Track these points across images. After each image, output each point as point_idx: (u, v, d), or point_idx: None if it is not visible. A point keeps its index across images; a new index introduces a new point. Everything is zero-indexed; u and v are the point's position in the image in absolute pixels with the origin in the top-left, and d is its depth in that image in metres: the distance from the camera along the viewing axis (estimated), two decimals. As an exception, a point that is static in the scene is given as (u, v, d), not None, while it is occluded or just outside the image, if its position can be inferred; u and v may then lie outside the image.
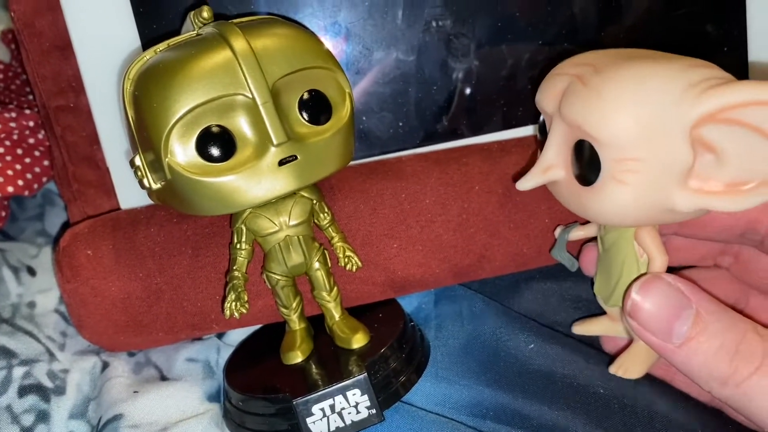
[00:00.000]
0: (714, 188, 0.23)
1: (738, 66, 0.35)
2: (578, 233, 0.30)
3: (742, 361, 0.22)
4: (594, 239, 0.30)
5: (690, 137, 0.22)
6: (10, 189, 0.36)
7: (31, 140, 0.37)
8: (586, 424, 0.28)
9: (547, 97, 0.26)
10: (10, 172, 0.36)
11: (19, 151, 0.37)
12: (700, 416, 0.29)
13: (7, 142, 0.36)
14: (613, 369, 0.28)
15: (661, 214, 0.24)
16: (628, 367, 0.27)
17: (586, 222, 0.30)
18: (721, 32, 0.34)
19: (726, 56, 0.35)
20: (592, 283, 0.30)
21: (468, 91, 0.33)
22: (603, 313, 0.30)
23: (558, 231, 0.31)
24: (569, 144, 0.25)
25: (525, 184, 0.26)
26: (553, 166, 0.26)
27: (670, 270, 0.26)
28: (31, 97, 0.43)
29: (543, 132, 0.27)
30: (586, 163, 0.24)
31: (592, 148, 0.23)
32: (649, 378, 0.29)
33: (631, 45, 0.33)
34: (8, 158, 0.36)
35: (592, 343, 0.32)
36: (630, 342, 0.28)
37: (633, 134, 0.22)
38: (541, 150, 0.26)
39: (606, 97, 0.23)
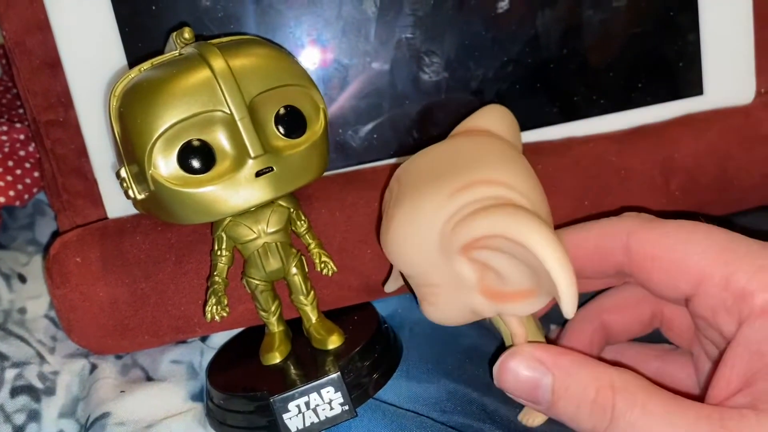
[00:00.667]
0: (510, 296, 0.25)
1: (693, 80, 0.37)
2: None
3: (597, 417, 0.23)
4: None
5: (465, 259, 0.25)
6: (2, 199, 0.37)
7: (22, 153, 0.39)
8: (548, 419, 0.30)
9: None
10: (1, 184, 0.37)
11: (11, 163, 0.38)
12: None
13: (-1, 155, 0.38)
14: (520, 416, 0.30)
15: (477, 315, 0.26)
16: (531, 416, 0.29)
17: None
18: (677, 49, 0.36)
19: (682, 71, 0.37)
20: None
21: (438, 104, 0.35)
22: None
23: None
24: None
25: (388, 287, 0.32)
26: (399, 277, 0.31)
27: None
28: (21, 111, 0.45)
29: None
30: (409, 287, 0.28)
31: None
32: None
33: (592, 62, 0.35)
34: (0, 170, 0.38)
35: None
36: None
37: (421, 266, 0.26)
38: None
39: (393, 235, 0.26)
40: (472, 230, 0.24)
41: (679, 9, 0.36)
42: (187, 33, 0.28)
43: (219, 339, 0.35)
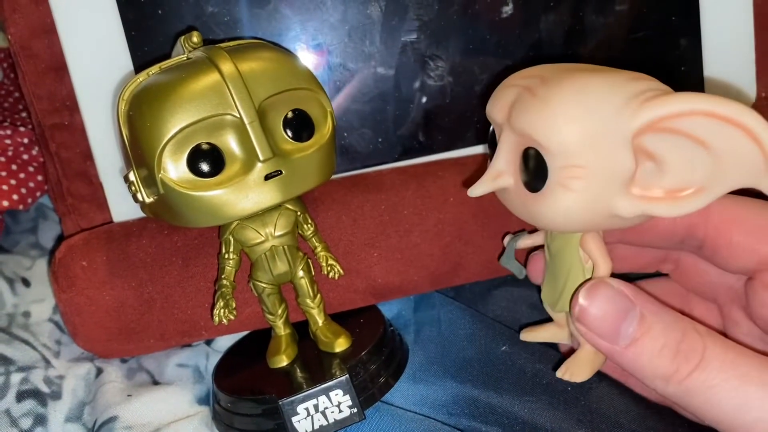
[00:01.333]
0: (655, 195, 0.24)
1: (694, 84, 0.37)
2: (526, 242, 0.31)
3: (683, 359, 0.23)
4: (541, 247, 0.30)
5: (632, 146, 0.23)
6: (5, 203, 0.37)
7: (26, 156, 0.39)
8: (552, 417, 0.30)
9: (496, 107, 0.26)
10: (5, 187, 0.37)
11: (14, 167, 0.38)
12: (653, 411, 0.30)
13: (2, 158, 0.38)
14: (560, 373, 0.28)
15: (605, 219, 0.25)
16: (574, 371, 0.28)
17: (534, 230, 0.31)
18: (678, 53, 0.37)
19: (683, 75, 0.37)
20: (539, 291, 0.30)
21: (443, 108, 0.35)
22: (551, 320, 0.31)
23: (506, 240, 0.32)
24: (518, 152, 0.25)
25: (475, 190, 0.26)
26: (502, 174, 0.26)
27: (615, 277, 0.27)
28: (24, 114, 0.45)
29: (492, 142, 0.28)
30: (534, 170, 0.25)
31: (539, 155, 0.24)
32: (610, 380, 0.31)
33: (595, 64, 0.36)
34: (3, 173, 0.37)
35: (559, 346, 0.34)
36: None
37: (578, 142, 0.23)
38: (491, 159, 0.27)
39: (552, 106, 0.24)
40: (665, 107, 0.22)
41: (681, 14, 0.36)
42: (195, 37, 0.29)
43: (224, 342, 0.35)
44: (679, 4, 0.36)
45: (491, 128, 0.28)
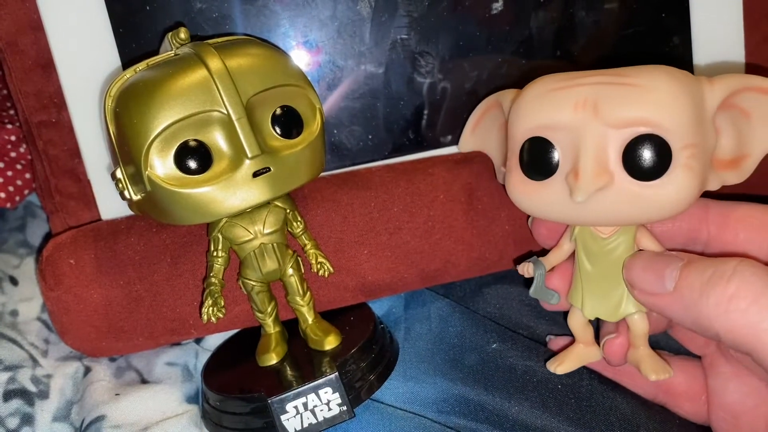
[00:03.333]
0: (725, 164, 0.27)
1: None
2: (550, 262, 0.30)
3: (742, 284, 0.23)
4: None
5: (716, 118, 0.26)
6: (-7, 201, 0.37)
7: (13, 154, 0.39)
8: (543, 414, 0.30)
9: (565, 111, 0.26)
10: (-8, 185, 0.37)
11: (1, 165, 0.38)
12: (643, 409, 0.31)
13: (-10, 156, 0.37)
14: (549, 364, 0.30)
15: (699, 191, 0.26)
16: (561, 363, 0.30)
17: (541, 251, 0.31)
18: (668, 49, 0.37)
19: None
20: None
21: (433, 105, 0.35)
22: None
23: (526, 269, 0.30)
24: (617, 147, 0.25)
25: (580, 196, 0.25)
26: (601, 172, 0.25)
27: None
28: (12, 111, 0.44)
29: (538, 153, 0.27)
30: (650, 156, 0.25)
31: (655, 141, 0.25)
32: (600, 377, 0.32)
33: (584, 63, 0.36)
34: (-9, 171, 0.37)
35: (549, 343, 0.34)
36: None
37: (692, 121, 0.25)
38: (571, 162, 0.26)
39: (662, 90, 0.25)
40: (734, 83, 0.26)
41: (670, 9, 0.36)
42: (183, 33, 0.28)
43: (214, 341, 0.35)
44: (668, 0, 0.36)
45: (527, 140, 0.27)
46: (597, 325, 0.31)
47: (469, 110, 0.35)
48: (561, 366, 0.30)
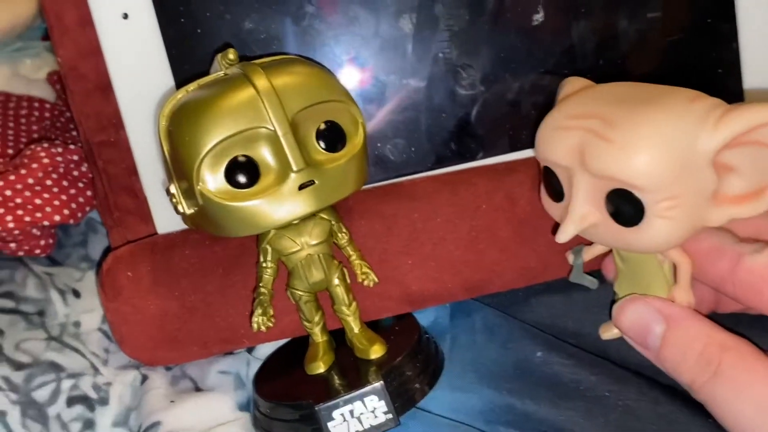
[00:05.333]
0: (736, 200, 0.26)
1: (733, 87, 0.36)
2: (591, 252, 0.31)
3: (701, 369, 0.24)
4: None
5: (712, 164, 0.25)
6: (57, 218, 0.39)
7: (76, 173, 0.40)
8: (591, 425, 0.30)
9: (558, 153, 0.27)
10: (56, 203, 0.39)
11: (65, 183, 0.40)
12: (697, 417, 0.30)
13: (54, 175, 0.39)
14: (601, 329, 0.30)
15: (697, 231, 0.26)
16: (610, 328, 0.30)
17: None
18: (714, 56, 0.36)
19: (720, 79, 0.36)
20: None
21: (475, 116, 0.35)
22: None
23: (570, 257, 0.32)
24: (600, 193, 0.26)
25: (563, 236, 0.27)
26: (586, 215, 0.27)
27: None
28: (74, 132, 0.46)
29: (552, 180, 0.29)
30: (626, 208, 0.26)
31: (629, 194, 0.25)
32: (651, 382, 0.31)
33: (628, 71, 0.35)
34: (55, 189, 0.39)
35: (597, 353, 0.33)
36: None
37: (668, 177, 0.24)
38: (564, 199, 0.28)
39: (635, 148, 0.24)
40: (739, 123, 0.24)
41: (717, 16, 0.36)
42: (231, 54, 0.30)
43: (265, 350, 0.36)
44: (714, 7, 0.36)
45: (543, 167, 0.29)
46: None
47: (512, 121, 0.35)
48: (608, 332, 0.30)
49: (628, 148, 0.25)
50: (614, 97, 0.27)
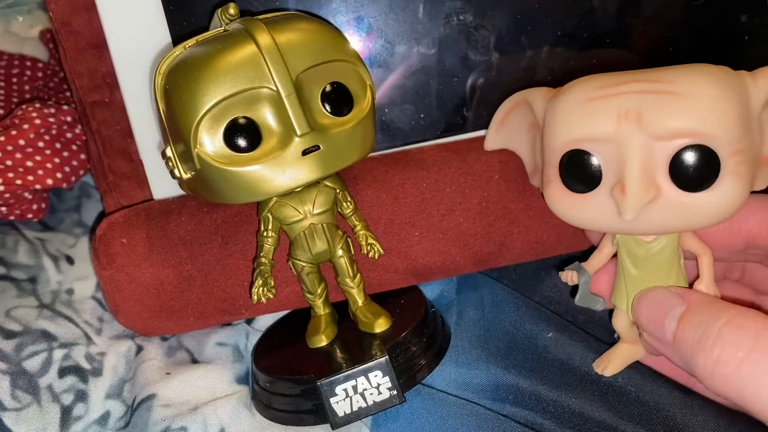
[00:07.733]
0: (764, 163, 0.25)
1: (764, 54, 0.35)
2: (593, 267, 0.29)
3: (725, 349, 0.22)
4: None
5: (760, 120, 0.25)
6: (50, 181, 0.37)
7: (69, 135, 0.39)
8: (601, 410, 0.29)
9: (601, 124, 0.25)
10: (49, 165, 0.37)
11: (58, 145, 0.38)
12: (710, 410, 0.29)
13: (47, 137, 0.38)
14: (596, 366, 0.29)
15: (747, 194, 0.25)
16: (609, 364, 0.29)
17: (587, 250, 0.30)
18: (744, 21, 0.34)
19: (748, 45, 0.35)
20: (609, 314, 0.29)
21: (488, 82, 0.34)
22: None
23: (571, 278, 0.29)
24: (660, 158, 0.24)
25: (630, 214, 0.24)
26: (648, 186, 0.24)
27: None
28: (68, 93, 0.45)
29: (581, 166, 0.26)
30: (699, 166, 0.24)
31: (702, 151, 0.24)
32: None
33: (653, 35, 0.34)
34: (47, 152, 0.38)
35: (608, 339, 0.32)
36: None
37: (738, 126, 0.24)
38: (617, 175, 0.25)
39: (708, 98, 0.23)
40: None
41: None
42: (232, 9, 0.28)
43: (264, 321, 0.35)
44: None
45: (567, 153, 0.26)
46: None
47: (527, 87, 0.33)
48: (608, 368, 0.29)
49: (699, 97, 0.24)
50: (636, 72, 0.25)
